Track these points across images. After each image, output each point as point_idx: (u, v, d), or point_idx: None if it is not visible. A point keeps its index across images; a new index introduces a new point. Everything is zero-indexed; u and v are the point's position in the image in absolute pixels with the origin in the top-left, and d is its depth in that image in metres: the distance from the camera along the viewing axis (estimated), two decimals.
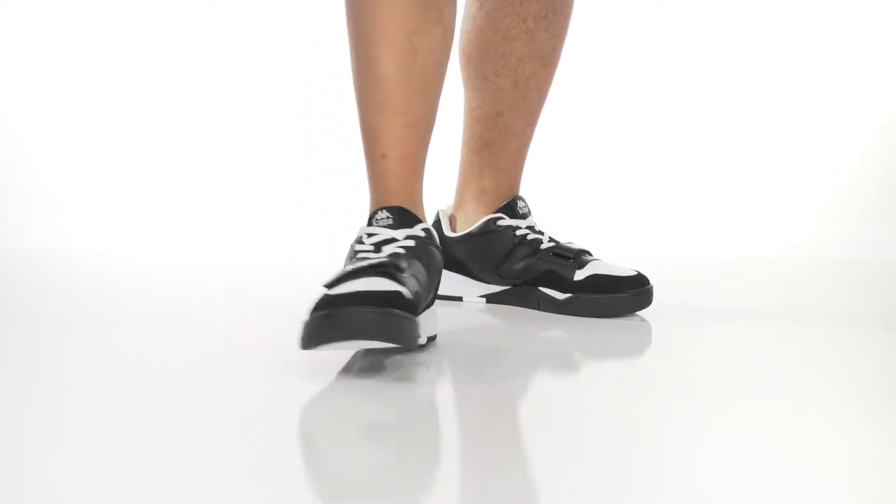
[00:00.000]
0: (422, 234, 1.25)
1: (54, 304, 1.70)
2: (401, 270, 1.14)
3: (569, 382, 1.16)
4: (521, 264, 1.55)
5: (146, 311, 1.64)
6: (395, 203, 1.28)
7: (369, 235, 1.25)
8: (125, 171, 2.60)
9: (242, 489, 0.86)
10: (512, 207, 1.58)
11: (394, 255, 1.19)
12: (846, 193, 2.57)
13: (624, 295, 1.48)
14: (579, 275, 1.51)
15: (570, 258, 1.53)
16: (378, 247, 1.23)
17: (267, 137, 2.65)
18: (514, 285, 1.57)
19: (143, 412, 1.09)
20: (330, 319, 1.06)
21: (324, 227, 2.39)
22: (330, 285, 1.11)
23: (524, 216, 1.59)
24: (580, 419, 1.09)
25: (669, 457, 0.97)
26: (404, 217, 1.25)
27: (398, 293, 1.09)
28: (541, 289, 1.53)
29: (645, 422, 1.08)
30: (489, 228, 1.58)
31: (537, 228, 1.59)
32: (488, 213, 1.60)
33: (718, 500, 0.85)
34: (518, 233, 1.57)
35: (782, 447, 0.97)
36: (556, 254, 1.54)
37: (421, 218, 1.29)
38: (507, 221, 1.57)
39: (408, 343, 1.09)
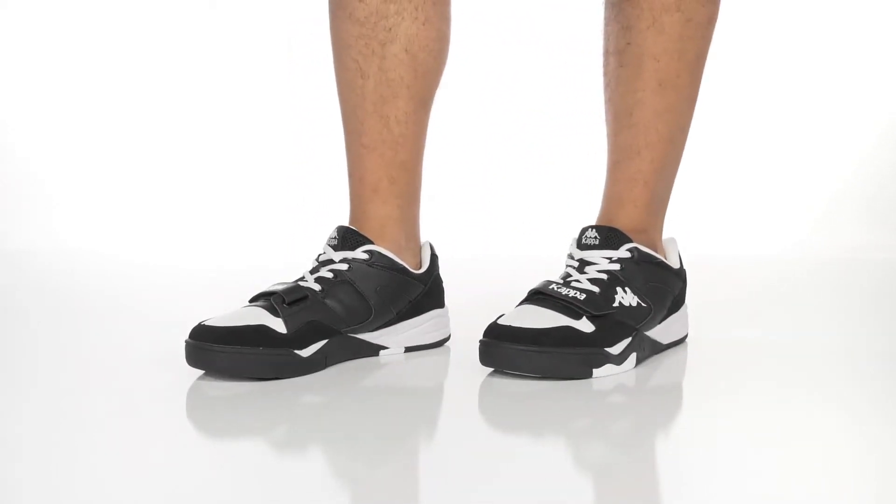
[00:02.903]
0: (363, 256, 1.27)
1: (52, 305, 1.70)
2: (290, 302, 1.20)
3: (565, 386, 1.16)
4: None
5: (145, 312, 1.64)
6: (349, 223, 1.32)
7: (321, 254, 1.29)
8: (124, 171, 2.59)
9: (241, 492, 0.86)
10: None
11: (320, 279, 1.25)
12: (845, 194, 2.56)
13: None
14: None
15: None
16: (318, 267, 1.27)
17: (266, 138, 2.65)
18: None
19: (141, 413, 1.09)
20: (197, 352, 1.17)
21: (324, 229, 2.38)
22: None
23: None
24: (578, 422, 1.08)
25: (669, 460, 0.97)
26: (348, 238, 1.28)
27: (263, 328, 1.18)
28: None
29: (643, 424, 1.08)
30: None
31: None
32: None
33: (719, 501, 0.84)
34: None
35: (781, 450, 0.97)
36: None
37: (370, 238, 1.28)
38: None
39: (266, 375, 1.18)
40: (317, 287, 1.24)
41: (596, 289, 1.21)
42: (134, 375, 1.23)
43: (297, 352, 1.19)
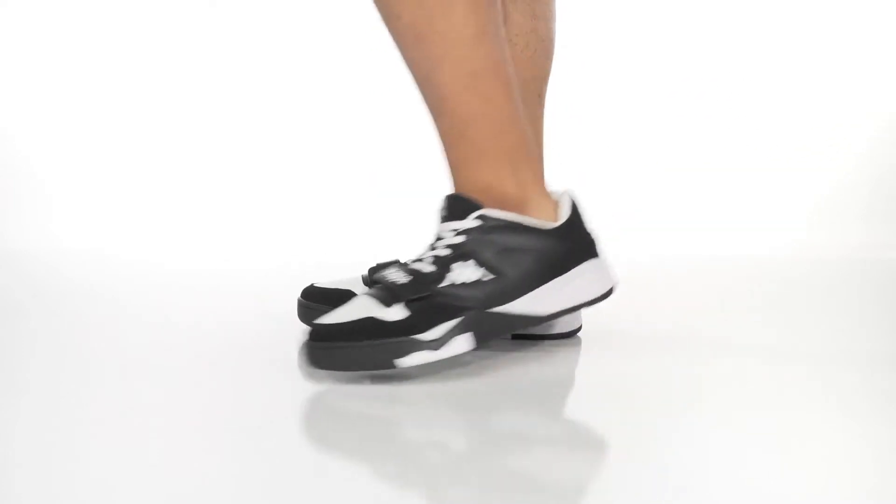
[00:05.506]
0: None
1: (52, 305, 1.70)
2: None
3: (557, 385, 1.16)
4: None
5: (143, 313, 1.64)
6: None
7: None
8: (124, 172, 2.59)
9: (241, 493, 0.86)
10: None
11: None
12: (844, 193, 2.57)
13: None
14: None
15: None
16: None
17: (265, 138, 2.65)
18: None
19: (141, 414, 1.09)
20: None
21: (322, 229, 2.39)
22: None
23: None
24: (572, 422, 1.08)
25: (667, 460, 0.97)
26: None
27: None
28: None
29: (641, 424, 1.08)
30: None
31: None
32: None
33: (719, 501, 0.85)
34: None
35: (781, 450, 0.97)
36: None
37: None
38: None
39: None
40: (431, 268, 1.17)
41: (432, 268, 1.16)
42: (133, 376, 1.23)
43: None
